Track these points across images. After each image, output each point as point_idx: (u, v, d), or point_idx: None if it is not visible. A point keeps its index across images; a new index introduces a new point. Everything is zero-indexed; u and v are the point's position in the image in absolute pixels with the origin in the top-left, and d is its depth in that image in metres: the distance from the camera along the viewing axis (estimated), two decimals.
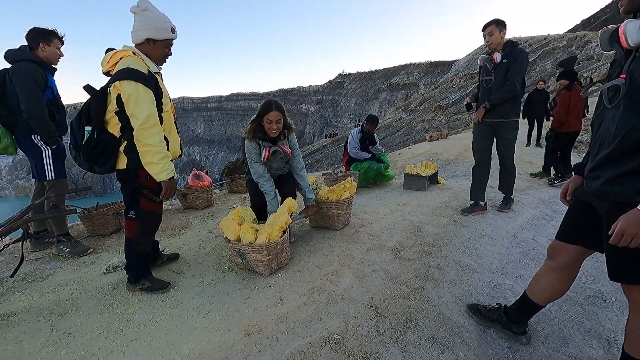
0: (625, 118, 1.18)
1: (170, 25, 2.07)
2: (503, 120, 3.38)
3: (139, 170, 2.07)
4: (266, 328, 1.85)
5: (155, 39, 2.03)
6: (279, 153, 2.75)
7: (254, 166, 2.76)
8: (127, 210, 2.21)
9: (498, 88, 3.30)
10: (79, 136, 2.01)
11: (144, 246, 2.25)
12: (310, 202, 3.02)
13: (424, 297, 2.14)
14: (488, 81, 3.39)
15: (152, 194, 2.16)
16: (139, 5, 1.98)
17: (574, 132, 5.14)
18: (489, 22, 3.25)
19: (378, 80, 62.04)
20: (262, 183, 2.76)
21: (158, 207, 2.26)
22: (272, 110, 2.60)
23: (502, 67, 3.25)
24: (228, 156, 69.33)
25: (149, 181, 2.09)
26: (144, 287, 2.25)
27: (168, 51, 2.14)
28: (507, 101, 3.28)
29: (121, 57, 2.00)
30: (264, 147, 2.71)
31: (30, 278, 2.55)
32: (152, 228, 2.31)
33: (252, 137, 2.69)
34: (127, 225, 2.23)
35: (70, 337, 1.86)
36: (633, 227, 1.12)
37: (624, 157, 1.19)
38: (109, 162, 2.03)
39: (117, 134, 2.01)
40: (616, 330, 1.88)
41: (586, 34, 25.95)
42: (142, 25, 2.00)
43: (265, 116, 2.61)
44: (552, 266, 1.64)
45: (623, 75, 1.20)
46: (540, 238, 3.07)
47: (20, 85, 2.59)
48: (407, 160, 9.10)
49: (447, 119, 26.08)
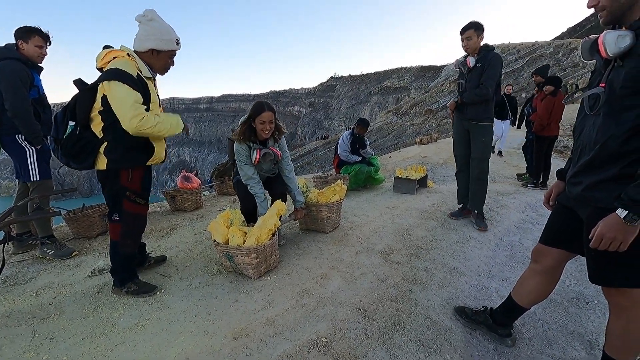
0: (605, 126, 1.22)
1: (174, 36, 2.09)
2: (476, 123, 3.37)
3: (120, 172, 2.06)
4: (254, 332, 1.84)
5: (159, 50, 2.05)
6: (269, 155, 2.74)
7: (243, 168, 2.74)
8: (111, 212, 2.17)
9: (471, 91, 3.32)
10: (61, 129, 1.99)
11: (129, 248, 2.22)
12: (299, 205, 3.01)
13: (412, 300, 2.15)
14: (462, 84, 3.42)
15: (135, 196, 2.14)
16: (145, 15, 1.99)
17: (553, 137, 5.35)
18: (468, 25, 3.18)
19: (370, 83, 62.41)
20: (251, 185, 2.75)
21: (142, 209, 2.23)
22: (264, 111, 2.59)
23: (476, 70, 3.25)
24: (218, 158, 68.83)
25: (131, 183, 2.09)
26: (130, 291, 2.22)
27: (171, 62, 2.16)
28: (478, 103, 3.27)
29: (115, 56, 2.00)
30: (255, 149, 2.70)
31: (12, 281, 2.49)
32: (136, 230, 2.27)
33: (243, 140, 2.68)
34: (112, 228, 2.20)
35: (52, 342, 1.81)
36: (611, 231, 1.15)
37: (604, 163, 1.23)
38: (87, 161, 2.02)
39: (99, 134, 2.00)
40: (598, 332, 1.92)
41: (572, 42, 26.57)
42: (147, 35, 2.01)
43: (258, 117, 2.59)
44: (536, 269, 1.67)
45: (602, 84, 1.25)
46: (526, 241, 3.12)
47: (5, 83, 2.53)
48: (397, 164, 9.16)
49: (438, 122, 26.38)
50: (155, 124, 1.98)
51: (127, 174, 2.05)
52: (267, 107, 2.62)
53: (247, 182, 2.76)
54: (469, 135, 3.47)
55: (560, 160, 7.92)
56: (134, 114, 1.89)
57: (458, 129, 3.55)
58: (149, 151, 2.13)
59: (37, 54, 2.73)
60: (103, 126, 1.99)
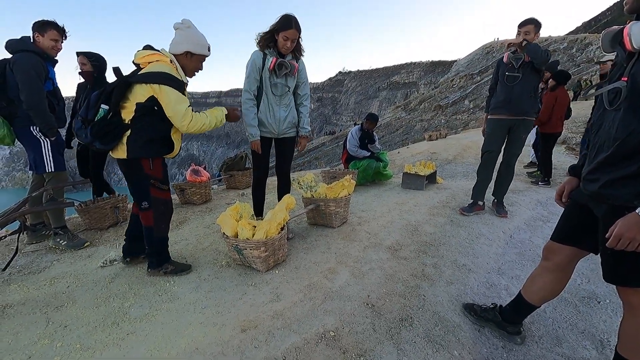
0: (626, 121, 1.17)
1: (207, 44, 2.29)
2: (525, 119, 3.34)
3: (141, 161, 2.17)
4: (262, 324, 1.85)
5: (193, 53, 2.23)
6: (285, 66, 2.62)
7: (248, 79, 2.63)
8: (139, 201, 2.27)
9: (523, 87, 3.26)
10: (91, 111, 2.09)
11: (163, 232, 2.37)
12: (304, 132, 2.95)
13: (420, 296, 2.15)
14: (513, 78, 3.30)
15: (159, 183, 2.25)
16: (184, 23, 2.20)
17: (557, 134, 5.27)
18: (529, 20, 3.16)
19: (378, 78, 61.94)
20: (245, 100, 2.68)
21: (167, 194, 2.36)
22: (291, 27, 2.49)
23: (529, 65, 3.21)
24: (227, 152, 69.18)
25: (154, 171, 2.21)
26: (168, 271, 2.38)
27: (200, 66, 2.33)
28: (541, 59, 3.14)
29: (157, 59, 2.13)
30: (271, 57, 2.60)
31: (26, 270, 2.55)
32: (167, 214, 2.39)
33: (261, 47, 2.60)
34: (143, 216, 2.31)
35: (66, 330, 1.86)
36: (631, 231, 1.11)
37: (624, 160, 1.19)
38: (111, 144, 2.13)
39: (127, 122, 2.11)
40: (610, 332, 1.90)
41: (587, 37, 25.97)
42: (184, 39, 2.19)
43: (283, 32, 2.49)
44: (547, 267, 1.65)
45: (624, 78, 1.20)
46: (537, 239, 3.08)
47: (21, 75, 2.57)
48: (406, 160, 9.11)
49: (447, 118, 26.11)
50: (203, 123, 2.21)
51: (149, 163, 2.18)
52: (294, 24, 2.50)
53: (244, 96, 2.68)
54: (506, 130, 3.45)
55: (573, 157, 7.77)
56: (187, 116, 2.12)
57: (499, 126, 3.46)
58: (168, 145, 2.24)
59: (52, 47, 2.77)
60: (133, 116, 2.10)
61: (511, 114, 3.36)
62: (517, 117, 3.35)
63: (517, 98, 3.29)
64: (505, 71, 3.36)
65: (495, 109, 3.48)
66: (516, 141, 3.47)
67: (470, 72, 31.98)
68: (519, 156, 3.59)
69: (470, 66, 33.39)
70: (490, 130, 3.54)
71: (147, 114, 2.09)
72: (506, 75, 3.34)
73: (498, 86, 3.48)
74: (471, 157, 8.49)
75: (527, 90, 3.28)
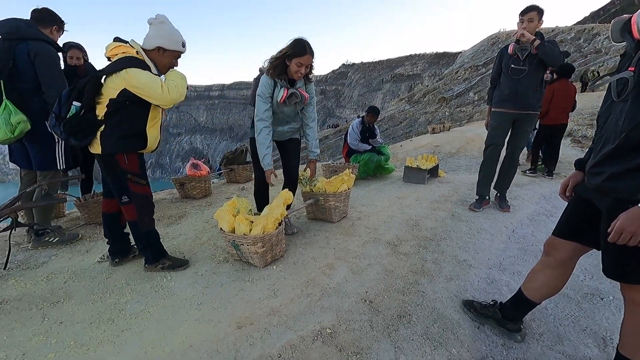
0: (633, 112, 1.13)
1: (181, 39, 2.22)
2: (530, 113, 3.26)
3: (115, 156, 2.15)
4: (258, 321, 1.83)
5: (166, 49, 2.17)
6: (296, 96, 2.54)
7: (259, 104, 2.52)
8: (120, 196, 2.24)
9: (529, 81, 3.15)
10: (64, 108, 2.05)
11: (148, 225, 2.33)
12: (314, 156, 2.91)
13: (419, 292, 2.12)
14: (518, 71, 3.18)
15: (136, 177, 2.23)
16: (157, 18, 2.15)
17: (559, 125, 5.19)
18: (532, 7, 3.01)
19: (382, 70, 61.42)
20: (261, 129, 2.54)
21: (146, 189, 2.32)
22: (306, 53, 2.40)
23: (536, 57, 3.09)
24: (230, 145, 69.19)
25: (129, 165, 2.19)
26: (165, 266, 2.36)
27: (175, 62, 2.27)
28: (557, 62, 3.07)
29: (124, 52, 2.09)
30: (282, 87, 2.51)
31: (24, 266, 2.55)
32: (149, 208, 2.36)
33: (272, 75, 2.50)
34: (125, 210, 2.28)
35: (61, 327, 1.85)
36: (633, 225, 1.08)
37: (630, 153, 1.15)
38: (86, 139, 2.12)
39: (100, 118, 2.09)
40: (613, 329, 1.85)
41: (595, 27, 25.48)
42: (156, 34, 2.14)
43: (298, 59, 2.40)
44: (548, 263, 1.61)
45: (632, 68, 1.15)
46: (540, 234, 3.03)
47: (47, 70, 2.49)
48: (409, 153, 9.04)
49: (451, 111, 25.88)
50: (176, 85, 2.16)
51: (123, 158, 2.16)
52: (309, 49, 2.41)
53: (257, 123, 2.55)
54: (511, 124, 3.39)
55: (578, 150, 7.66)
56: (164, 90, 2.08)
57: (504, 119, 3.38)
58: (141, 140, 2.21)
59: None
60: (107, 112, 2.07)
61: (516, 108, 3.27)
62: (522, 112, 3.27)
63: (523, 92, 3.19)
64: (510, 63, 3.22)
65: (499, 102, 3.37)
66: (520, 134, 3.40)
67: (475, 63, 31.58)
68: (522, 149, 3.53)
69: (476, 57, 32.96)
70: (495, 123, 3.45)
71: (121, 109, 2.07)
72: (511, 67, 3.22)
73: (502, 78, 3.36)
74: (474, 150, 8.40)
75: (533, 84, 3.18)
